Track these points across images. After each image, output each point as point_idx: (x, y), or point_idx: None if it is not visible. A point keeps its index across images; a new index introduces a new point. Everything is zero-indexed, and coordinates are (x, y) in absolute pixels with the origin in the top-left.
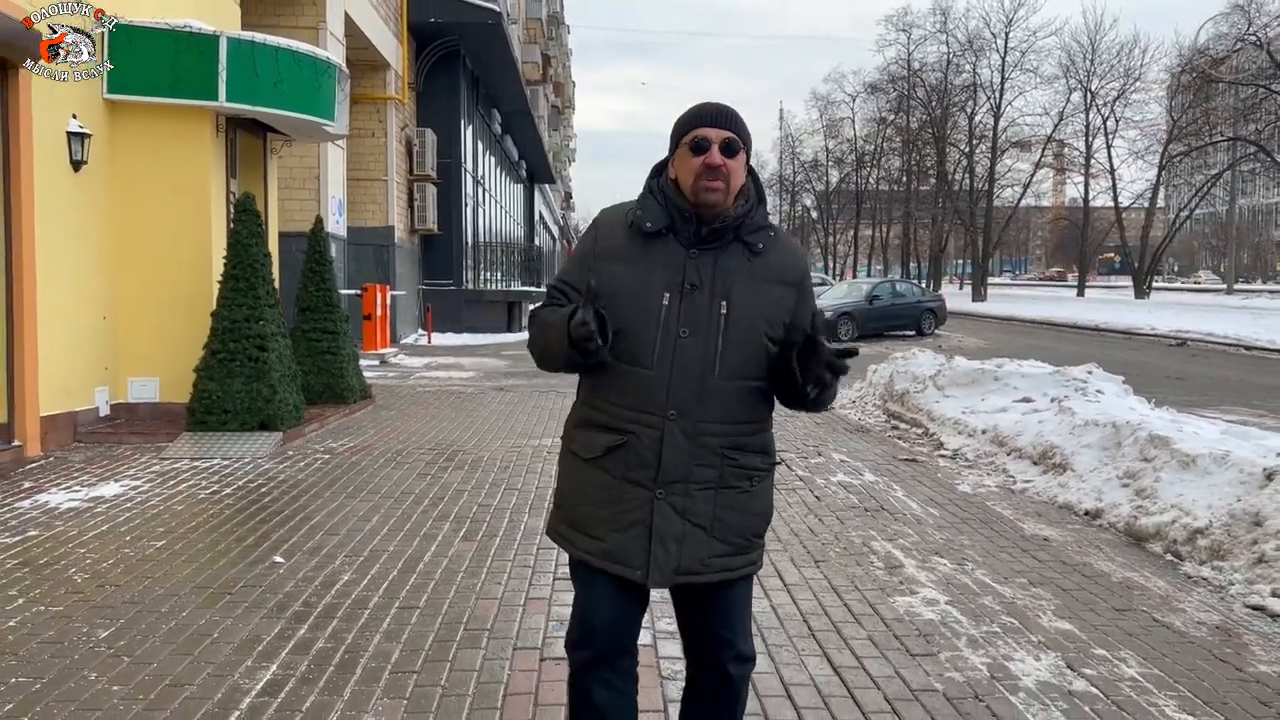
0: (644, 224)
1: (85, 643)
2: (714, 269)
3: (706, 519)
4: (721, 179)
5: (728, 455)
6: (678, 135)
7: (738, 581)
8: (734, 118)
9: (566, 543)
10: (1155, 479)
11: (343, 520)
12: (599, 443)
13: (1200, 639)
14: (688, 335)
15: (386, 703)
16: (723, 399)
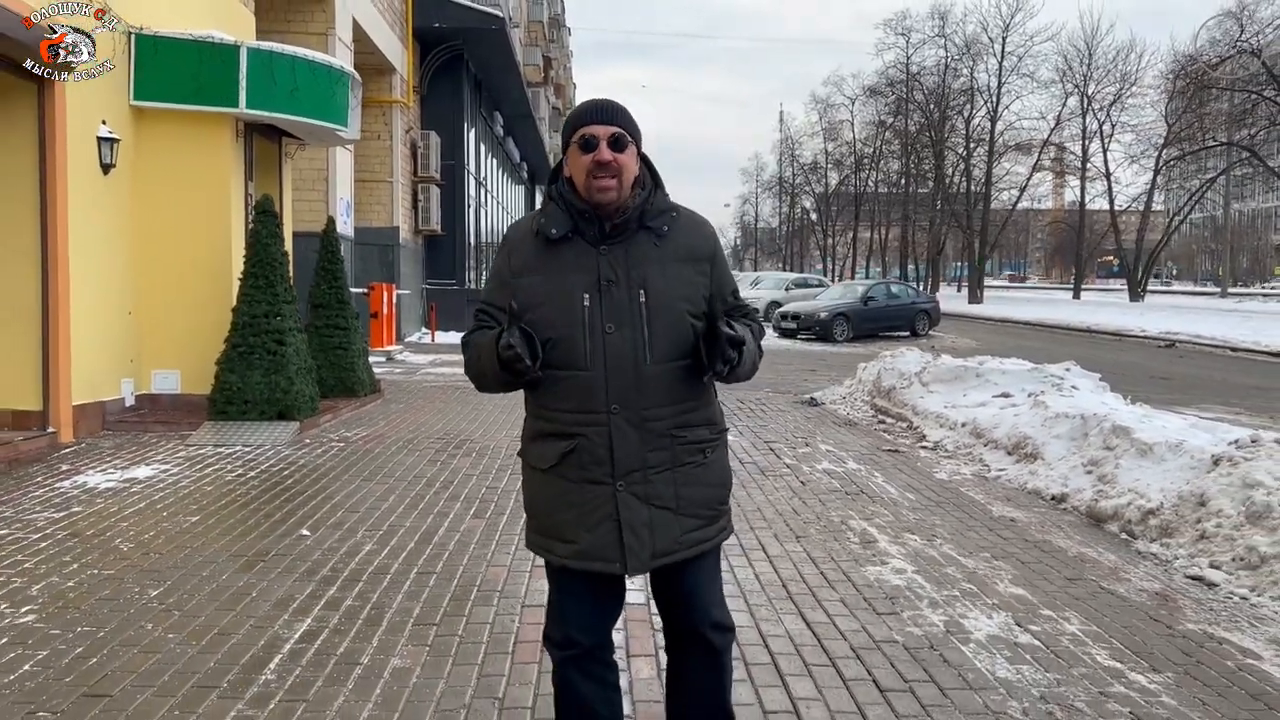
0: (549, 231)
1: (139, 600)
2: (626, 261)
3: (670, 499)
4: (613, 174)
5: (676, 435)
6: (567, 135)
7: (708, 554)
8: (620, 112)
9: (545, 551)
10: (1116, 465)
11: (361, 500)
12: (552, 451)
13: (1140, 603)
14: (614, 330)
15: (411, 649)
16: (659, 384)
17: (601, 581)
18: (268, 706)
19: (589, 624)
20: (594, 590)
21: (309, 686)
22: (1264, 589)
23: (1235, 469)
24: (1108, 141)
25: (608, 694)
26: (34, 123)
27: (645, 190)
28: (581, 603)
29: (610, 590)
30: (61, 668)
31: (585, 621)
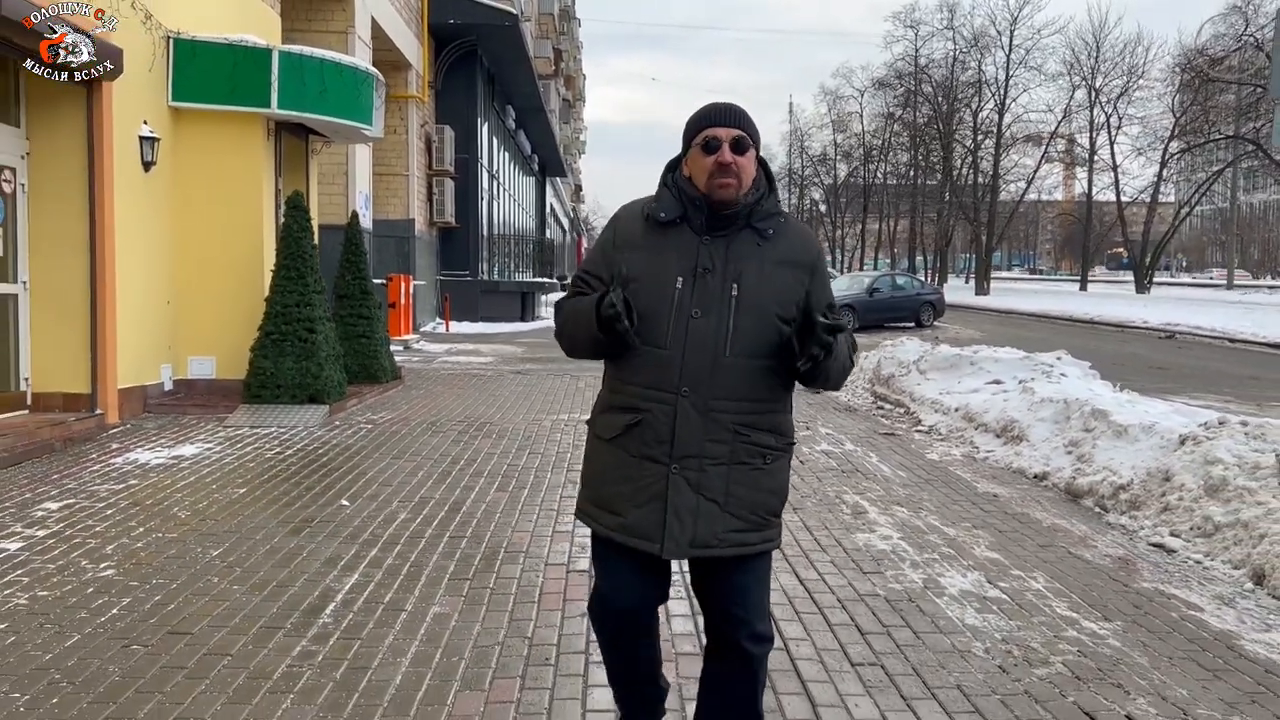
0: (658, 214)
1: (202, 558)
2: (726, 254)
3: (719, 494)
4: (733, 176)
5: (739, 432)
6: (689, 135)
7: (753, 559)
8: (742, 116)
9: (591, 520)
10: (1093, 446)
11: (393, 475)
12: (618, 422)
13: (1102, 566)
14: (700, 316)
15: (449, 598)
16: (733, 377)
17: (643, 561)
18: (328, 643)
19: (631, 599)
20: (637, 567)
21: (361, 628)
22: (1216, 554)
23: (1199, 447)
24: (1115, 134)
25: (650, 653)
26: (83, 124)
27: (759, 191)
28: (622, 574)
29: (653, 569)
30: (144, 611)
31: (628, 596)
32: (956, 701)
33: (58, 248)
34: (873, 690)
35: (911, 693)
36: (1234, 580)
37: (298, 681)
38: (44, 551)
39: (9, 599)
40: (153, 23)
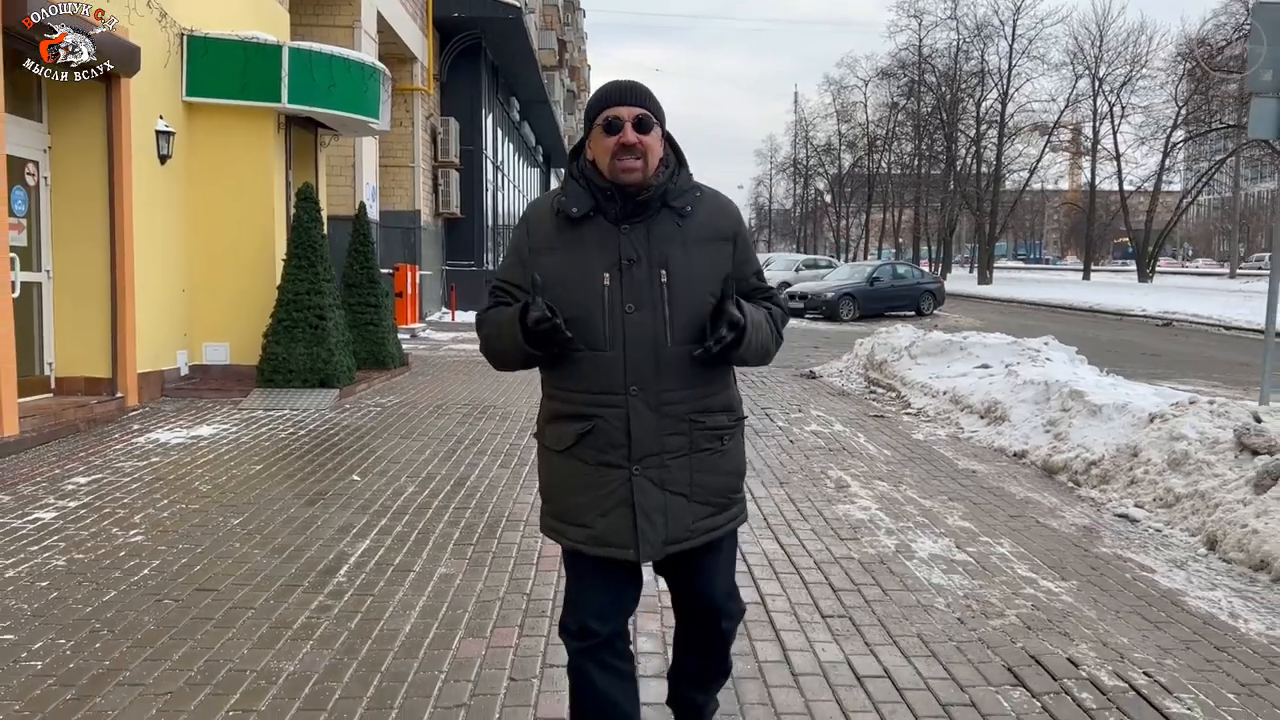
0: (569, 210)
1: (224, 527)
2: (648, 240)
3: (685, 486)
4: (638, 156)
5: (695, 420)
6: (590, 116)
7: (721, 541)
8: (644, 93)
9: (558, 535)
10: (1069, 425)
11: (401, 453)
12: (568, 432)
13: (1067, 534)
14: (634, 310)
15: (454, 561)
16: (679, 366)
17: (616, 568)
18: (343, 598)
19: (605, 612)
20: (609, 576)
21: (373, 586)
22: (1175, 523)
23: (1165, 424)
24: (1118, 124)
25: (624, 685)
26: (102, 119)
27: (669, 169)
28: (597, 590)
29: (626, 577)
30: (173, 572)
31: (601, 610)
32: (915, 647)
33: (79, 238)
34: (840, 638)
35: (875, 640)
36: (1189, 546)
37: (316, 630)
38: (76, 520)
39: (48, 561)
40: (167, 20)
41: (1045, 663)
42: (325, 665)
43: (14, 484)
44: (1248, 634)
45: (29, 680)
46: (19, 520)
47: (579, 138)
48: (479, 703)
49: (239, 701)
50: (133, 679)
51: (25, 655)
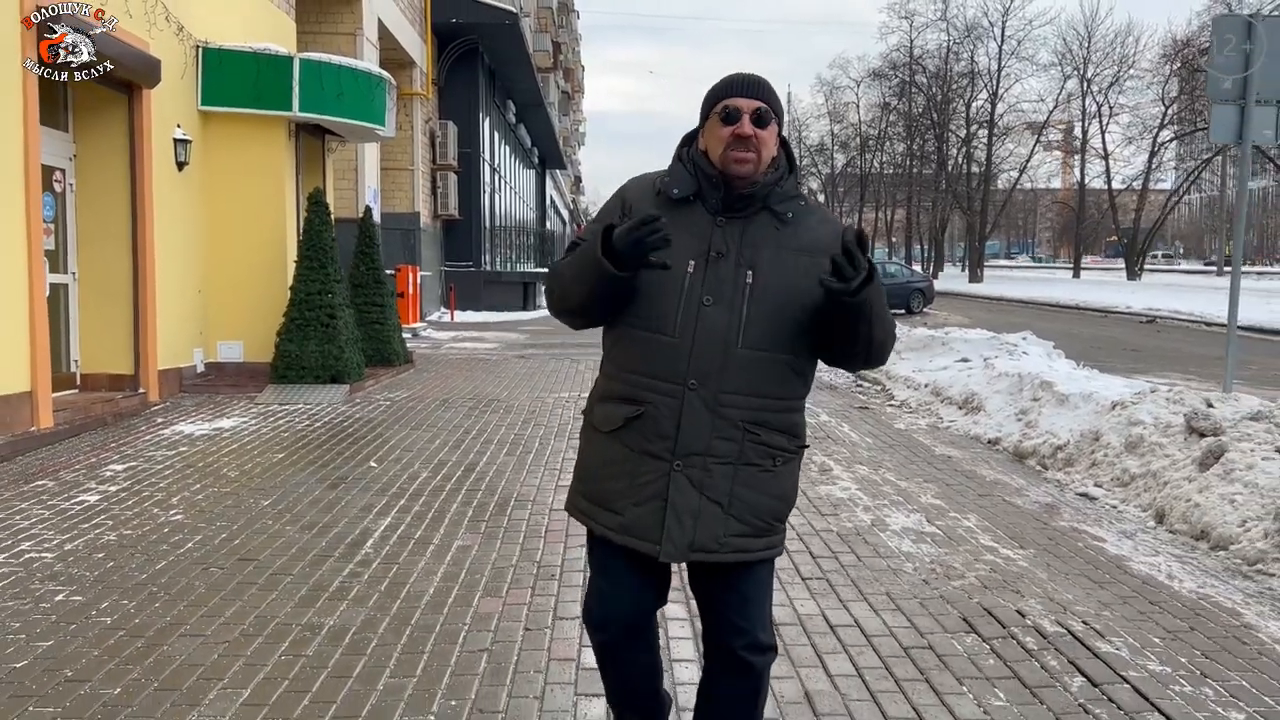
0: (671, 190)
1: (255, 507)
2: (741, 238)
3: (723, 495)
4: (752, 149)
5: (749, 430)
6: (709, 105)
7: (755, 566)
8: (765, 87)
9: (586, 518)
10: (1039, 413)
11: (413, 443)
12: (618, 414)
13: (1030, 511)
14: (711, 304)
15: (469, 534)
16: (746, 370)
17: (642, 563)
18: (371, 566)
19: (628, 605)
20: (636, 570)
21: (397, 556)
22: (1130, 499)
23: (1125, 411)
24: (1106, 123)
25: (646, 671)
26: (125, 128)
27: (779, 172)
28: (620, 582)
29: (652, 574)
30: (215, 545)
31: (624, 602)
32: (883, 602)
33: (103, 241)
34: (816, 595)
35: (847, 597)
36: (1140, 520)
37: (350, 591)
38: (119, 502)
39: (101, 535)
40: (184, 34)
41: (996, 614)
42: (361, 619)
43: (55, 471)
44: (1180, 591)
45: (102, 633)
46: (66, 502)
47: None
48: (499, 647)
49: (288, 649)
50: (192, 631)
51: (95, 613)
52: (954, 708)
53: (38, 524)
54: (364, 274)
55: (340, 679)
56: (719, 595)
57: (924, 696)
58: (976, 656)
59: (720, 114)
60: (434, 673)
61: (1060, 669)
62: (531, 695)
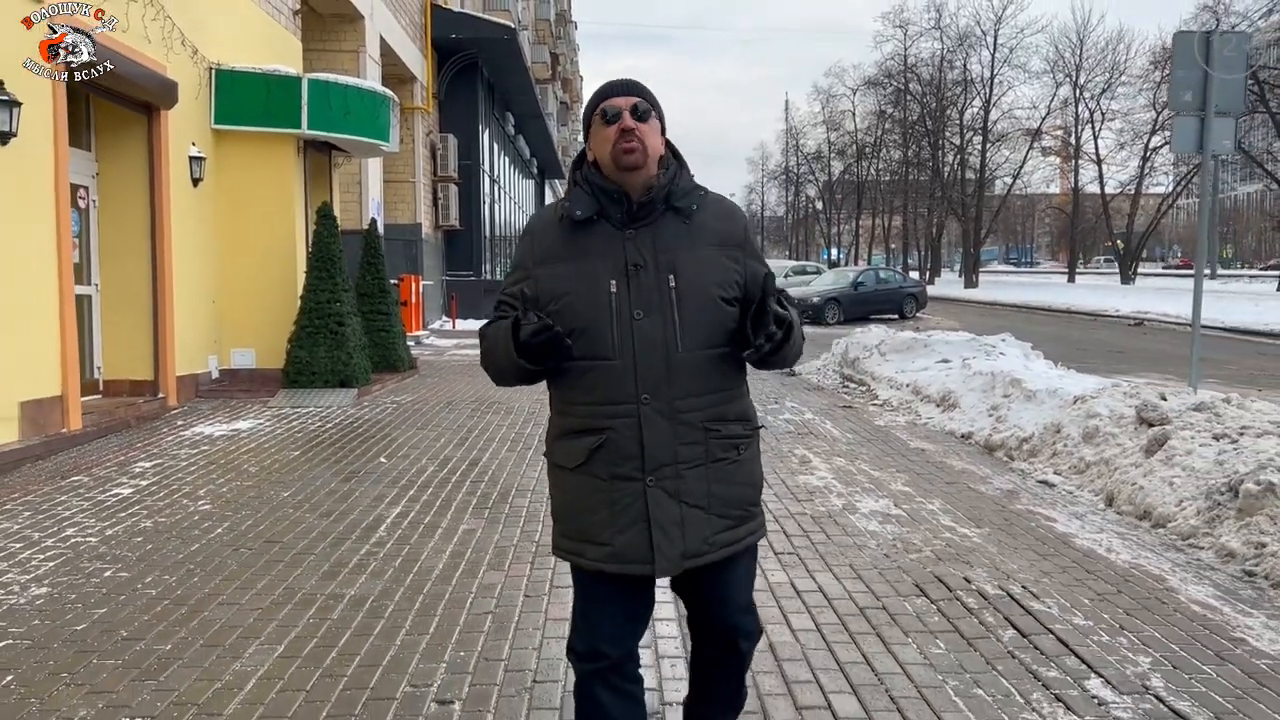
0: (574, 213)
1: (276, 498)
2: (654, 244)
3: (702, 497)
4: (636, 140)
5: (709, 428)
6: (589, 114)
7: (740, 555)
8: (639, 85)
9: (575, 556)
10: (1008, 408)
11: (419, 441)
12: (580, 448)
13: (991, 496)
14: (643, 316)
15: (474, 520)
16: (691, 373)
17: (633, 586)
18: (386, 546)
19: (618, 635)
20: (625, 596)
21: (409, 538)
22: (1084, 485)
23: (1084, 404)
24: (1099, 129)
25: (630, 707)
26: (144, 147)
27: (670, 170)
28: (610, 613)
29: (641, 597)
30: (242, 530)
31: (614, 633)
32: (846, 572)
33: (124, 254)
34: (786, 567)
35: (814, 568)
36: (1092, 504)
37: (367, 567)
38: (151, 494)
39: (138, 523)
40: (198, 56)
41: (945, 580)
42: (379, 589)
43: (88, 468)
44: (1115, 561)
45: (149, 602)
46: (102, 494)
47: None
48: (502, 610)
49: (315, 614)
50: (229, 600)
51: (140, 586)
52: (898, 654)
53: (78, 513)
54: (370, 283)
55: (362, 636)
56: (706, 589)
57: (873, 646)
58: (923, 614)
59: (601, 116)
60: (445, 631)
61: (995, 624)
62: (530, 647)
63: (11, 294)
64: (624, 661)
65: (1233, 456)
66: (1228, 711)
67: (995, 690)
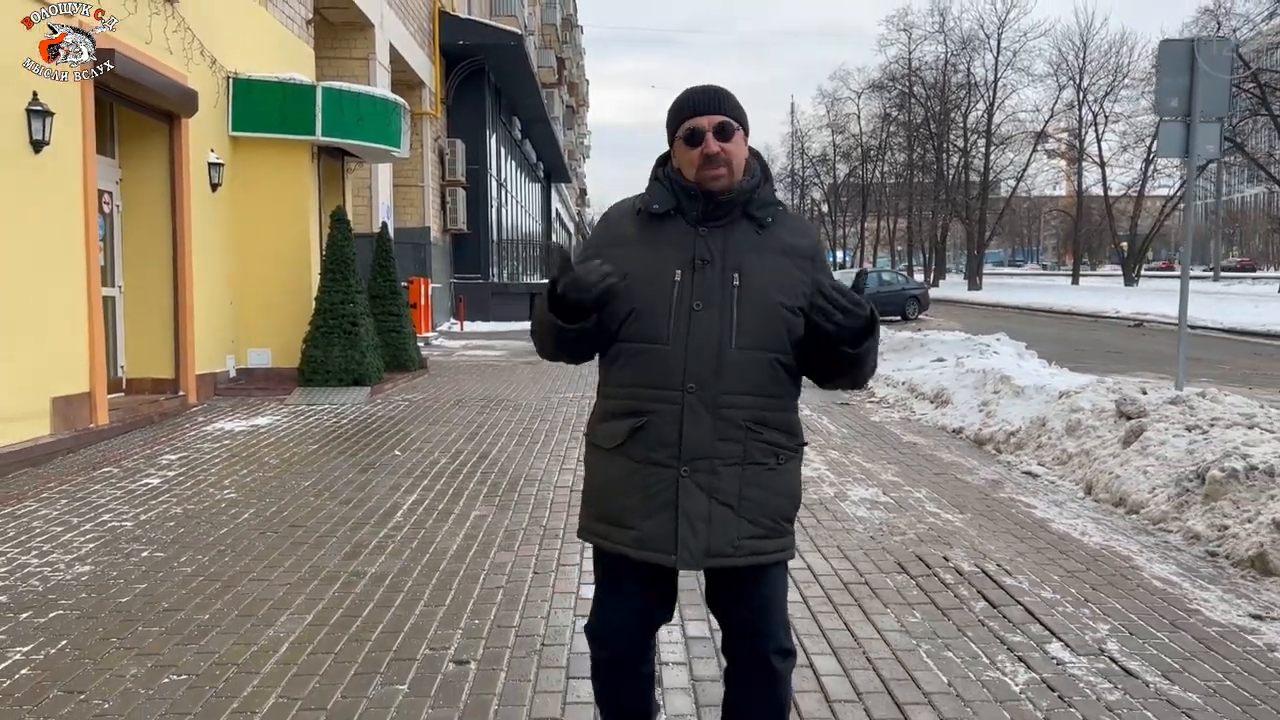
0: (651, 206)
1: (297, 487)
2: (724, 244)
3: (734, 497)
4: (722, 164)
5: (751, 429)
6: (672, 127)
7: (771, 569)
8: (725, 99)
9: (599, 538)
10: (998, 404)
11: (431, 435)
12: (620, 429)
13: (977, 485)
14: (701, 309)
15: (485, 506)
16: (741, 370)
17: (654, 578)
18: (402, 530)
19: (630, 628)
20: (643, 587)
21: (424, 523)
22: (1066, 475)
23: (1068, 399)
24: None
25: (641, 686)
26: (165, 154)
27: (754, 178)
28: (627, 606)
29: (660, 591)
30: (267, 516)
31: (626, 625)
32: (833, 552)
33: (146, 258)
34: None
35: (804, 549)
36: (1071, 492)
37: (386, 549)
38: (179, 484)
39: (169, 510)
40: (217, 66)
41: (926, 559)
42: (398, 567)
43: (118, 460)
44: (1087, 544)
45: (185, 578)
46: (132, 484)
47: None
48: (512, 585)
49: (339, 588)
50: (259, 577)
51: (176, 564)
52: (877, 623)
53: (112, 501)
54: (381, 285)
55: (384, 608)
56: (738, 603)
57: (854, 615)
58: (903, 589)
59: (684, 137)
60: (460, 603)
61: (969, 596)
62: (539, 616)
63: (44, 295)
64: (639, 648)
65: (1202, 446)
66: (1174, 670)
67: (964, 653)
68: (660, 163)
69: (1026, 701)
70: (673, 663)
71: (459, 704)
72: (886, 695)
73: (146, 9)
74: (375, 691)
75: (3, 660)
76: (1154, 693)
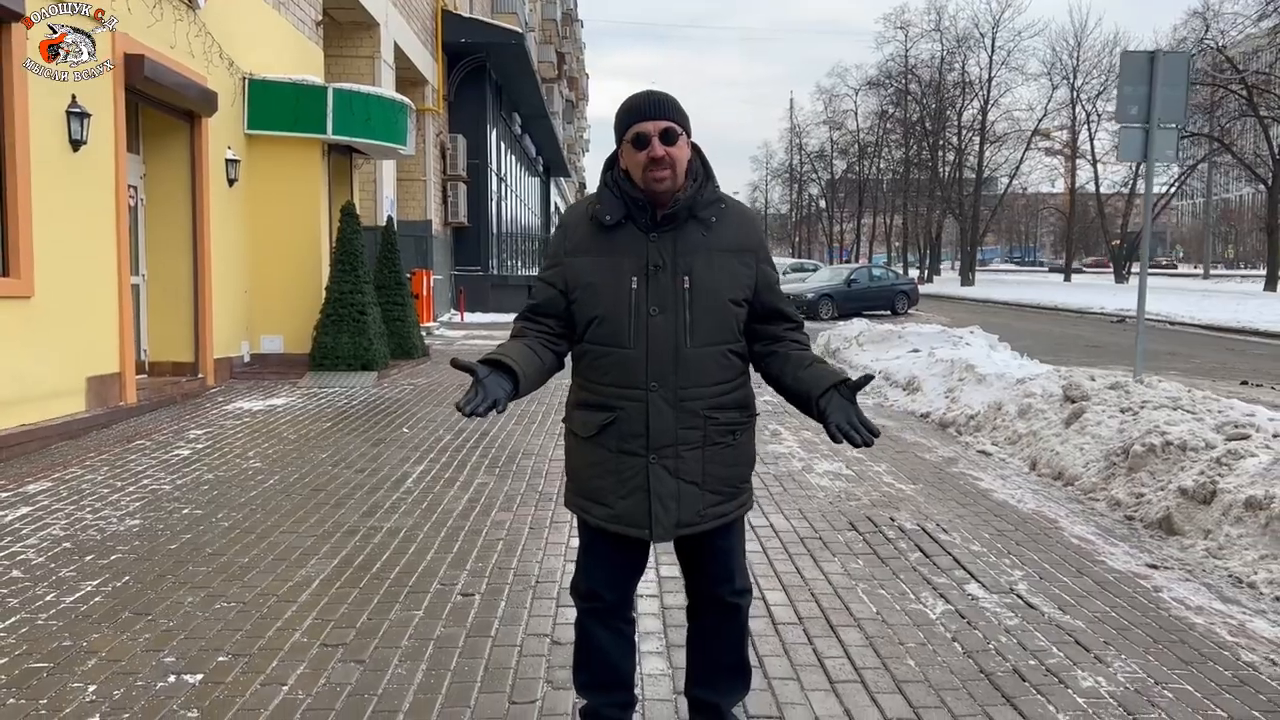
0: (603, 218)
1: (316, 458)
2: (674, 249)
3: (697, 475)
4: (667, 166)
5: (709, 416)
6: (619, 130)
7: (732, 524)
8: (669, 104)
9: (583, 512)
10: (962, 390)
11: (436, 415)
12: (593, 421)
13: (933, 462)
14: (657, 313)
15: (486, 476)
16: (697, 366)
17: (629, 545)
18: (413, 494)
19: (613, 582)
20: (621, 552)
21: (432, 489)
22: (1016, 454)
23: (1023, 385)
24: (1095, 130)
25: (622, 644)
26: (186, 151)
27: (696, 181)
28: (609, 562)
29: (636, 554)
30: (290, 482)
31: (610, 579)
32: (794, 514)
33: (168, 248)
34: None
35: (768, 510)
36: (1018, 468)
37: (399, 509)
38: (207, 455)
39: (201, 476)
40: (234, 68)
41: (874, 520)
42: (410, 524)
43: (149, 434)
44: (1021, 509)
45: (223, 531)
46: (165, 455)
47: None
48: (511, 537)
49: (360, 539)
50: (288, 530)
51: (214, 520)
52: (824, 568)
53: (149, 468)
54: (386, 276)
55: (399, 554)
56: (703, 555)
57: (805, 562)
58: (850, 542)
59: (631, 140)
60: (465, 551)
61: (907, 549)
62: (534, 561)
63: (83, 282)
64: (619, 604)
65: (1131, 425)
66: (1070, 604)
67: (895, 591)
68: (608, 166)
69: (940, 625)
70: (646, 595)
71: (466, 624)
72: (823, 619)
73: (171, 16)
74: (396, 615)
75: (78, 590)
76: (1047, 620)
